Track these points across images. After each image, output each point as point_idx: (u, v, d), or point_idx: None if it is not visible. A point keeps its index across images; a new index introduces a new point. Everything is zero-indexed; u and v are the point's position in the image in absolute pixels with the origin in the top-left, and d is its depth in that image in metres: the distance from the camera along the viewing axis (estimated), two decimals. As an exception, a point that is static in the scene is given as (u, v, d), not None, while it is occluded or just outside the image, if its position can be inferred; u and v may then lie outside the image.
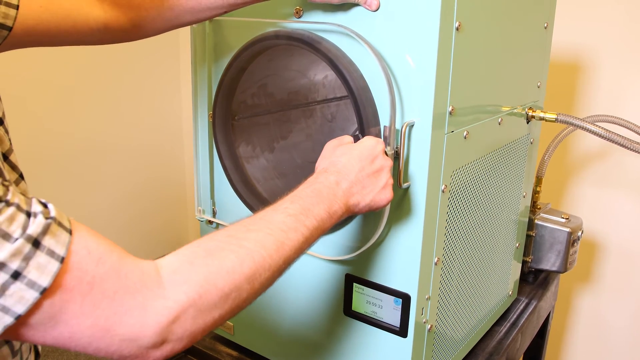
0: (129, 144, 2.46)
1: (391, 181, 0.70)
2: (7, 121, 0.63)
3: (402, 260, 0.78)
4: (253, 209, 0.90)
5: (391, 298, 0.80)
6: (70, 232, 0.45)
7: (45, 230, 0.43)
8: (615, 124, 1.19)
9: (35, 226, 0.42)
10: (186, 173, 2.75)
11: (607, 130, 0.97)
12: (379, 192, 0.68)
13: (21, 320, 0.42)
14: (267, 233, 0.56)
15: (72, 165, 2.26)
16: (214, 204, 0.98)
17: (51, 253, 0.43)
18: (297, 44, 0.77)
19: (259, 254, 0.54)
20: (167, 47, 2.54)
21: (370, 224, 0.80)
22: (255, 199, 0.90)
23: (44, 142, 2.15)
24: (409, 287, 0.78)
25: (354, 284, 0.84)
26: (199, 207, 0.99)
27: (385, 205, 0.70)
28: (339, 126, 1.07)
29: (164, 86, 2.59)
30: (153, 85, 2.53)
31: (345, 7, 0.75)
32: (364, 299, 0.83)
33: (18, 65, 1.96)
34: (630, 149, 0.99)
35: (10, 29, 0.66)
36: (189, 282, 0.49)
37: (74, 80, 2.20)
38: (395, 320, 0.81)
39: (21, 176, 0.64)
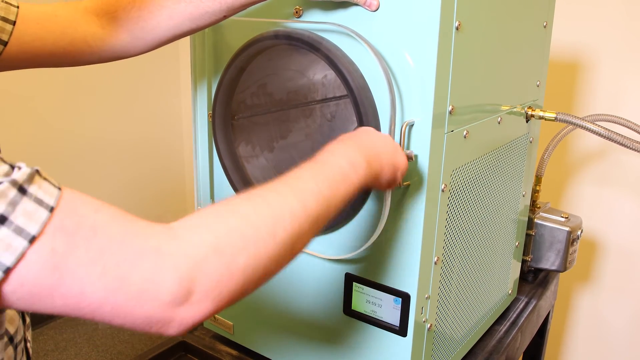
0: (129, 143, 2.46)
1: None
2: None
3: (402, 260, 0.78)
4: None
5: (391, 297, 0.80)
6: (59, 188, 0.41)
7: (31, 179, 0.39)
8: (615, 122, 1.19)
9: (21, 174, 0.38)
10: (186, 173, 2.75)
11: (607, 129, 0.97)
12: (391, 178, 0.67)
13: (20, 277, 0.37)
14: (290, 194, 0.55)
15: (74, 164, 2.26)
16: (213, 203, 0.98)
17: (39, 201, 0.38)
18: (297, 43, 0.77)
19: (280, 209, 0.52)
20: (167, 48, 2.53)
21: (370, 223, 0.80)
22: (255, 198, 0.90)
23: (46, 141, 2.15)
24: (409, 286, 0.78)
25: (354, 283, 0.84)
26: (199, 207, 0.99)
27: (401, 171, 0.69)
28: (338, 126, 1.07)
29: (164, 87, 2.59)
30: (153, 86, 2.53)
31: (344, 5, 0.75)
32: (363, 298, 0.83)
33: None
34: (630, 148, 0.99)
35: (5, 43, 0.66)
36: (206, 227, 0.45)
37: (75, 79, 2.20)
38: (395, 319, 0.81)
39: None
